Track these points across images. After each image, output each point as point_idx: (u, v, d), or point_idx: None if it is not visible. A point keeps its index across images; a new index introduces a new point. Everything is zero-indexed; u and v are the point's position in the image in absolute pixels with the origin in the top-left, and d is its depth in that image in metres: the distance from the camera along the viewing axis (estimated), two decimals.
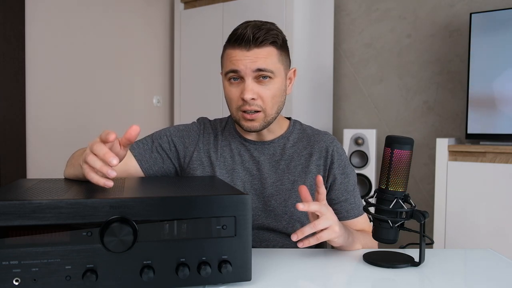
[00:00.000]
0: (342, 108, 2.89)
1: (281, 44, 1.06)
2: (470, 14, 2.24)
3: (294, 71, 1.14)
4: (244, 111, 1.05)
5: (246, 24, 1.04)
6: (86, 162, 0.77)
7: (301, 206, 0.84)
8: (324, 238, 0.86)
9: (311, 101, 2.59)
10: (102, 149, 0.75)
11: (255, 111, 1.04)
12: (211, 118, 1.25)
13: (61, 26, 2.42)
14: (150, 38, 2.95)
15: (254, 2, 2.57)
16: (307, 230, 0.85)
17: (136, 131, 0.77)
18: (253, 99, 1.03)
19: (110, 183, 0.74)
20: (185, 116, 2.92)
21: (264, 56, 1.03)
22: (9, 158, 2.19)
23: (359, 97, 2.83)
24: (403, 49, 2.68)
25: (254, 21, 1.06)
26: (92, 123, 2.60)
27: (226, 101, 1.10)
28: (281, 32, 1.08)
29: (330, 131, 2.85)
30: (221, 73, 1.11)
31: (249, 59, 1.02)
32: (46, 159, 2.36)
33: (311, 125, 1.24)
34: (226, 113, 1.16)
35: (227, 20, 2.69)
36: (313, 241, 0.85)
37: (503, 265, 0.87)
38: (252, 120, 1.05)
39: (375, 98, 2.78)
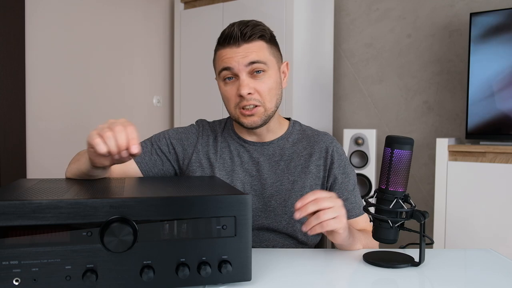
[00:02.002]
0: (342, 108, 2.89)
1: (269, 38, 1.08)
2: (470, 14, 2.23)
3: (287, 64, 1.14)
4: (243, 108, 1.05)
5: (232, 24, 1.06)
6: (100, 135, 0.76)
7: (297, 215, 0.83)
8: (331, 226, 0.84)
9: (311, 101, 2.59)
10: (125, 134, 0.76)
11: (254, 106, 1.05)
12: (211, 119, 1.25)
13: (61, 26, 2.42)
14: (150, 38, 2.95)
15: (254, 2, 2.57)
16: (313, 221, 0.84)
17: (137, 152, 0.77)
18: (249, 93, 1.04)
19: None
20: (185, 116, 2.91)
21: (255, 50, 1.04)
22: (9, 158, 2.19)
23: (359, 97, 2.83)
24: (403, 49, 2.68)
25: (239, 20, 1.07)
26: (92, 123, 2.59)
27: (224, 102, 1.11)
28: (268, 28, 1.09)
29: (330, 131, 2.85)
30: (215, 77, 1.12)
31: (240, 55, 1.03)
32: (46, 159, 2.36)
33: (311, 125, 1.24)
34: (226, 114, 1.17)
35: (227, 20, 2.69)
36: (318, 228, 0.84)
37: (503, 265, 0.87)
38: (252, 115, 1.05)
39: (375, 98, 2.78)
